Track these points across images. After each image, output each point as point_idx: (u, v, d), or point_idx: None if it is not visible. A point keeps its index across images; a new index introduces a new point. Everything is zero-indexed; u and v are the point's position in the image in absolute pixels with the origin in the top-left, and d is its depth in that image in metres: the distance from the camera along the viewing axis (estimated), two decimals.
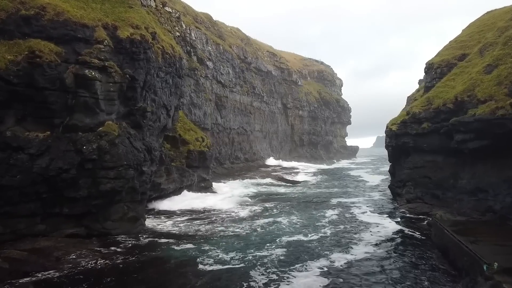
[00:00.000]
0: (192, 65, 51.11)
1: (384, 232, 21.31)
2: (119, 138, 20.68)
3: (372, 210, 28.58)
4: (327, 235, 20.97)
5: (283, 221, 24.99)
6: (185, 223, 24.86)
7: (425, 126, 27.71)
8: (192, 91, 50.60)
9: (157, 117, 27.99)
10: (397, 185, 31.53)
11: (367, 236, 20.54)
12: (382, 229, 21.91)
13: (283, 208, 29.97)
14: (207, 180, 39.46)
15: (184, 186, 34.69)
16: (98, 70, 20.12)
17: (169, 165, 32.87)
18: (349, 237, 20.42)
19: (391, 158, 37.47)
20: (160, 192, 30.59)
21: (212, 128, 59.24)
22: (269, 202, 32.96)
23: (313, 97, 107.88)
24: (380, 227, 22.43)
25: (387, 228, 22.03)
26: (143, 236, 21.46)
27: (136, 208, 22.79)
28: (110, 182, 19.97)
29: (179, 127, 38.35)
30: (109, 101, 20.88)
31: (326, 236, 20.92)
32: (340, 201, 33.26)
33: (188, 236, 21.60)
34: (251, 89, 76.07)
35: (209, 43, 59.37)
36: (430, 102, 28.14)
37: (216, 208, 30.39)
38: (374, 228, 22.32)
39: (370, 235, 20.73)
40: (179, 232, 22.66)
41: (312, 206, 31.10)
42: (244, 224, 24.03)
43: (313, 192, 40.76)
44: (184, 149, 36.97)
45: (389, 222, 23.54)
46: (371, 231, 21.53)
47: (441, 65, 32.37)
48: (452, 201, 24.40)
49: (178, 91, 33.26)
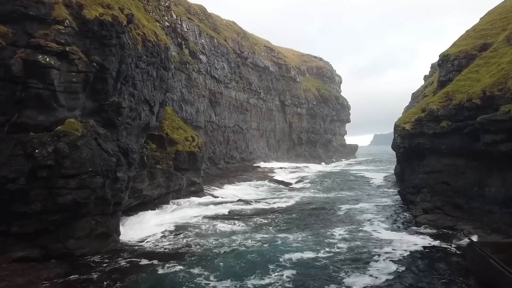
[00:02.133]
0: (183, 58, 47.40)
1: (404, 251, 17.70)
2: (83, 139, 17.01)
3: (384, 221, 25.05)
4: (339, 254, 17.39)
5: (286, 234, 21.39)
6: (172, 237, 21.24)
7: (444, 125, 24.21)
8: (183, 86, 46.89)
9: (137, 114, 24.34)
10: (409, 191, 28.03)
11: (385, 256, 17.00)
12: (401, 247, 18.27)
13: (284, 218, 26.34)
14: (198, 184, 35.83)
15: (171, 191, 31.06)
16: (56, 56, 16.44)
17: (153, 168, 29.22)
18: (365, 258, 16.89)
19: (400, 160, 33.98)
20: (143, 199, 26.94)
21: (205, 126, 55.57)
22: (268, 211, 29.19)
23: (311, 94, 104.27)
24: (398, 244, 18.85)
25: (407, 247, 18.40)
26: (115, 256, 17.87)
27: (107, 222, 19.17)
28: (70, 193, 16.32)
29: (167, 125, 34.67)
30: (71, 94, 17.19)
31: (338, 254, 17.35)
32: (347, 209, 29.69)
33: (176, 254, 18.04)
34: (247, 85, 72.36)
35: (202, 36, 55.61)
36: (450, 98, 24.63)
37: (208, 217, 26.77)
38: (392, 245, 18.71)
39: (388, 255, 17.15)
40: (164, 249, 19.03)
41: (317, 215, 27.48)
42: (242, 239, 20.41)
43: (316, 197, 37.14)
44: (171, 149, 33.30)
45: (408, 239, 19.96)
46: (388, 250, 17.90)
47: (458, 57, 28.86)
48: (480, 213, 20.89)
49: (163, 85, 29.60)
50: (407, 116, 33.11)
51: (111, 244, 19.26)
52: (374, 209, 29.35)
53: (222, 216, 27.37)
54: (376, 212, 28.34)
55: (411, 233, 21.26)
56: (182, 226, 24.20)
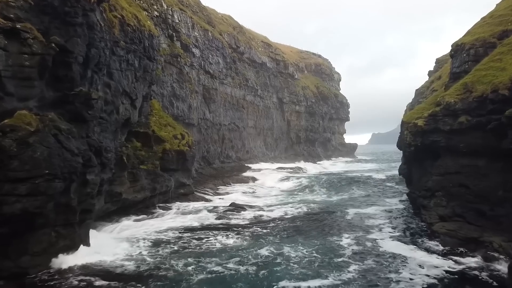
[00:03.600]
0: (174, 51, 44.41)
1: (426, 277, 14.54)
2: (37, 135, 14.04)
3: (395, 229, 22.19)
4: (351, 282, 14.07)
5: (287, 249, 18.00)
6: (143, 252, 18.14)
7: (463, 120, 21.32)
8: (174, 81, 43.91)
9: (114, 107, 21.40)
10: (420, 194, 25.14)
11: (405, 285, 13.93)
12: (422, 271, 14.97)
13: (285, 227, 23.10)
14: (188, 186, 32.88)
15: (157, 194, 28.13)
16: (3, 33, 13.49)
17: (136, 169, 26.26)
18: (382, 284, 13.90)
19: (409, 160, 31.07)
20: (122, 204, 24.03)
21: (199, 124, 52.64)
22: (266, 218, 26.01)
23: (310, 91, 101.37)
24: (417, 263, 15.83)
25: (429, 269, 15.26)
26: (68, 273, 14.82)
27: (72, 233, 16.23)
28: (20, 200, 13.36)
29: (154, 122, 31.73)
30: (23, 81, 14.21)
31: (350, 283, 14.01)
32: (354, 214, 26.82)
33: (140, 277, 14.75)
34: (243, 81, 69.42)
35: (195, 28, 52.61)
36: (469, 90, 21.74)
37: (194, 228, 23.45)
38: (410, 267, 15.57)
39: (408, 284, 14.00)
40: (128, 269, 15.71)
41: (321, 222, 24.41)
42: (230, 258, 16.86)
43: (318, 201, 34.17)
44: (158, 148, 30.36)
45: (427, 254, 17.00)
46: (406, 276, 14.65)
47: (474, 45, 25.98)
48: (508, 221, 18.03)
49: (148, 77, 26.66)
50: (417, 111, 30.23)
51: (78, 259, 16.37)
52: (382, 214, 26.48)
53: (211, 226, 23.75)
54: (384, 217, 25.48)
55: (430, 248, 18.14)
56: (159, 239, 20.25)
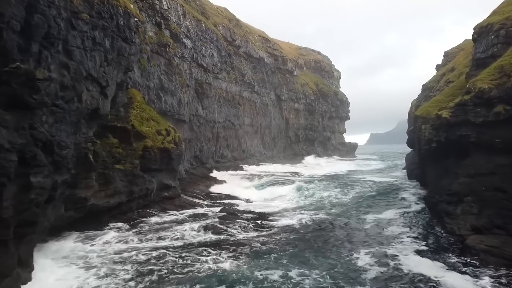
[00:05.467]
0: (162, 39, 40.51)
1: None
2: None
3: (417, 241, 18.37)
4: None
5: (295, 276, 13.96)
6: (108, 275, 14.33)
7: (500, 110, 17.62)
8: (162, 73, 40.01)
9: (75, 94, 17.50)
10: (442, 198, 21.36)
11: None
12: None
13: (288, 243, 18.58)
14: (173, 188, 28.96)
15: (136, 198, 24.25)
16: None
17: (108, 169, 22.38)
18: None
19: (424, 159, 27.34)
20: (89, 211, 20.13)
21: (191, 120, 48.74)
22: (265, 232, 21.16)
23: (309, 88, 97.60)
24: None
25: None
26: None
27: (5, 254, 12.38)
28: None
29: (134, 116, 27.83)
30: None
31: None
32: (368, 221, 23.00)
33: None
34: (239, 76, 65.50)
35: (187, 18, 48.76)
36: (507, 74, 18.03)
37: (176, 245, 18.59)
38: None
39: None
40: None
41: (332, 236, 20.08)
42: (222, 283, 13.21)
43: (326, 206, 30.01)
44: (138, 145, 26.47)
45: (462, 278, 13.30)
46: None
47: (505, 25, 22.27)
48: None
49: (124, 61, 22.79)
50: (435, 104, 26.56)
51: (14, 286, 12.55)
52: (399, 221, 22.52)
53: (196, 243, 18.66)
54: (401, 225, 21.65)
55: (466, 269, 14.31)
56: (127, 260, 15.82)
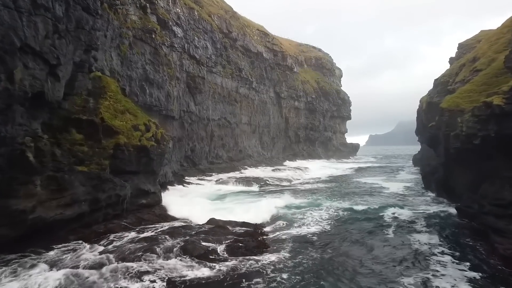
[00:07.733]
0: (147, 25, 35.87)
1: None
2: None
3: (463, 265, 13.83)
4: None
5: None
6: None
7: None
8: (147, 62, 35.35)
9: (2, 69, 12.89)
10: (488, 210, 16.75)
11: None
12: None
13: (295, 267, 14.22)
14: (153, 194, 24.19)
15: (102, 207, 19.52)
16: None
17: (65, 172, 17.70)
18: None
19: (450, 160, 22.62)
20: (32, 226, 15.42)
21: (181, 117, 44.12)
22: (264, 252, 16.98)
23: (310, 86, 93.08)
24: None
25: None
26: None
27: None
28: None
29: (106, 107, 23.11)
30: None
31: None
32: (395, 239, 18.40)
33: None
34: (236, 71, 60.89)
35: (177, 4, 44.17)
36: None
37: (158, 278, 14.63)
38: None
39: None
40: None
41: (352, 257, 15.37)
42: None
43: (338, 215, 25.46)
44: (109, 142, 21.79)
45: None
46: None
47: None
48: None
49: (85, 36, 18.13)
50: (463, 94, 22.07)
51: None
52: (431, 239, 17.71)
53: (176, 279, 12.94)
54: (436, 243, 16.97)
55: None
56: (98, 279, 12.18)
